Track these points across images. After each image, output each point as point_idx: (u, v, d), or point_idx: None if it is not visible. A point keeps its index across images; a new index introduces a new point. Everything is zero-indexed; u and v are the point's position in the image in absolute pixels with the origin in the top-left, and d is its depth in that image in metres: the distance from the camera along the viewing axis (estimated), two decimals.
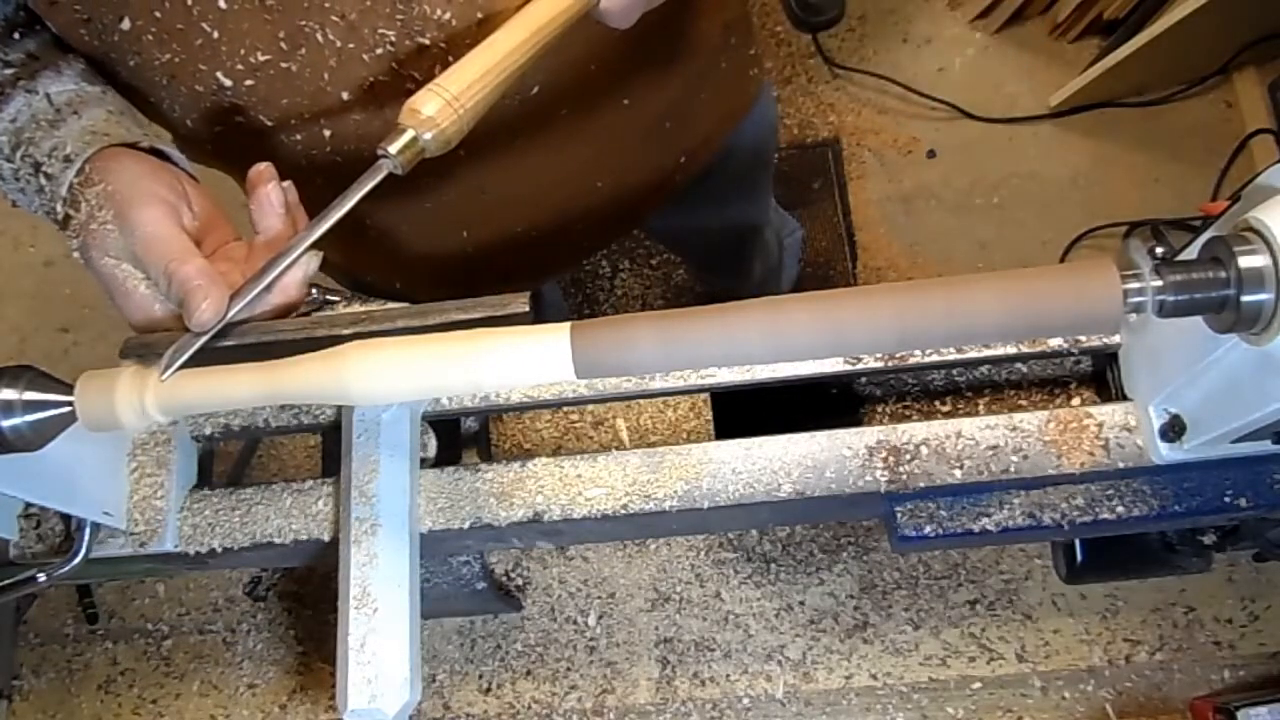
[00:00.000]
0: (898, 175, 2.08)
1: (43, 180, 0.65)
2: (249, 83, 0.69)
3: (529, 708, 0.94)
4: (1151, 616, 0.91)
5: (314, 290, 0.69)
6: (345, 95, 0.70)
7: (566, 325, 0.53)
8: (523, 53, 0.61)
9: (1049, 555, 0.92)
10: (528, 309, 0.60)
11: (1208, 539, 0.74)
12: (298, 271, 0.62)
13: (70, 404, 0.56)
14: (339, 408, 0.70)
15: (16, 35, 0.69)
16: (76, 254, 0.64)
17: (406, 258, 0.92)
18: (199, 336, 0.58)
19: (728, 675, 0.93)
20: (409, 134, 0.58)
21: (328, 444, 0.75)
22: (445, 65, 0.65)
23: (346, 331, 0.60)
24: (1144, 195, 1.98)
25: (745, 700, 0.92)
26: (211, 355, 0.60)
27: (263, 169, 0.63)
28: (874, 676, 0.92)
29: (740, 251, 1.49)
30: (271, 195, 0.63)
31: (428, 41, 0.68)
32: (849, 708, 0.92)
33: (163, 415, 0.58)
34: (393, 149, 0.58)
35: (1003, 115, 2.07)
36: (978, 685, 0.91)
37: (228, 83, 0.69)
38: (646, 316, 0.52)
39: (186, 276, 0.58)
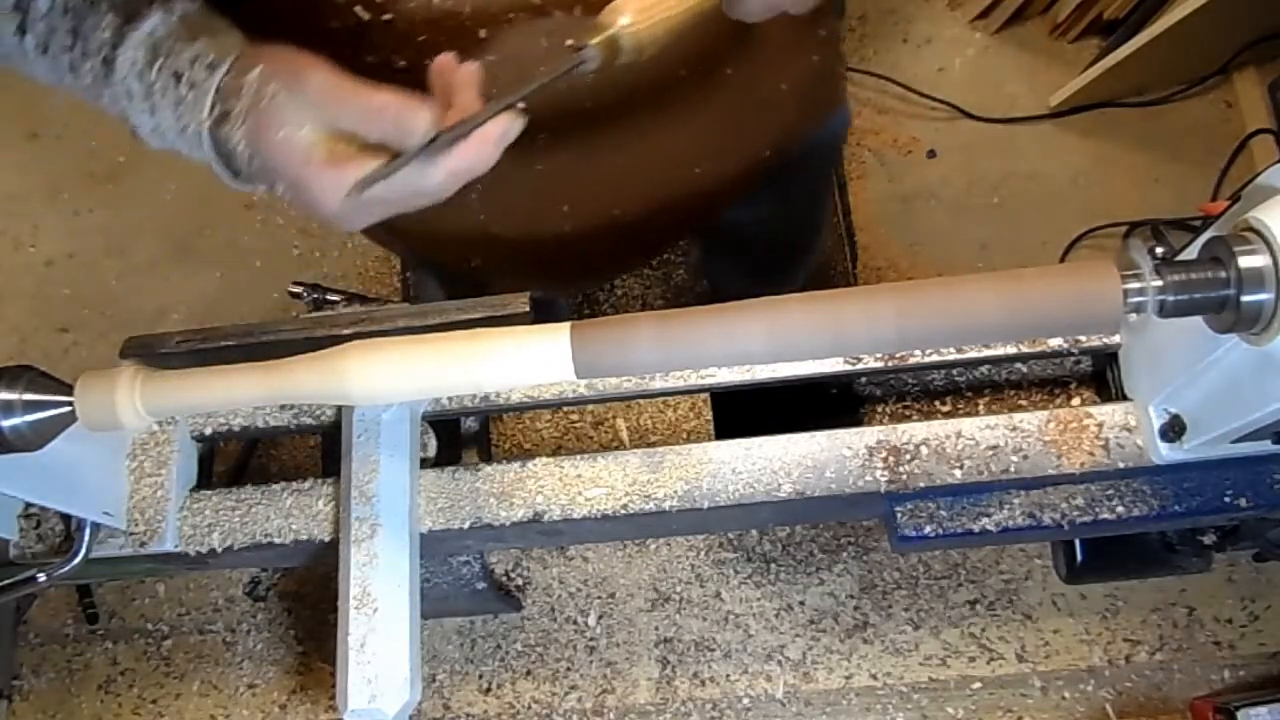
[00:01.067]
0: (898, 175, 2.07)
1: (184, 90, 0.63)
2: (386, 17, 0.68)
3: (529, 708, 0.94)
4: (1151, 616, 0.91)
5: (311, 290, 0.69)
6: (482, 33, 0.69)
7: (566, 325, 0.53)
8: None
9: (1049, 555, 0.92)
10: (528, 309, 0.60)
11: (1208, 539, 0.74)
12: (496, 127, 0.60)
13: (70, 404, 0.56)
14: (339, 408, 0.70)
15: None
16: (242, 145, 0.62)
17: (499, 232, 0.90)
18: (404, 157, 0.57)
19: (728, 675, 0.93)
20: (610, 31, 0.60)
21: (328, 444, 0.75)
22: (583, 3, 0.66)
23: (346, 331, 0.60)
24: (1144, 195, 1.98)
25: (745, 700, 0.92)
26: (211, 355, 0.60)
27: (447, 57, 0.62)
28: (874, 676, 0.92)
29: (798, 250, 1.49)
30: (468, 70, 0.61)
31: None
32: (849, 708, 0.92)
33: (162, 415, 0.58)
34: (593, 41, 0.59)
35: (1003, 115, 2.07)
36: (978, 685, 0.91)
37: (365, 16, 0.68)
38: (646, 316, 0.52)
39: (387, 100, 0.58)
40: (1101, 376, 0.73)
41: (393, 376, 0.54)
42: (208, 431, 0.73)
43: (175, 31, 0.65)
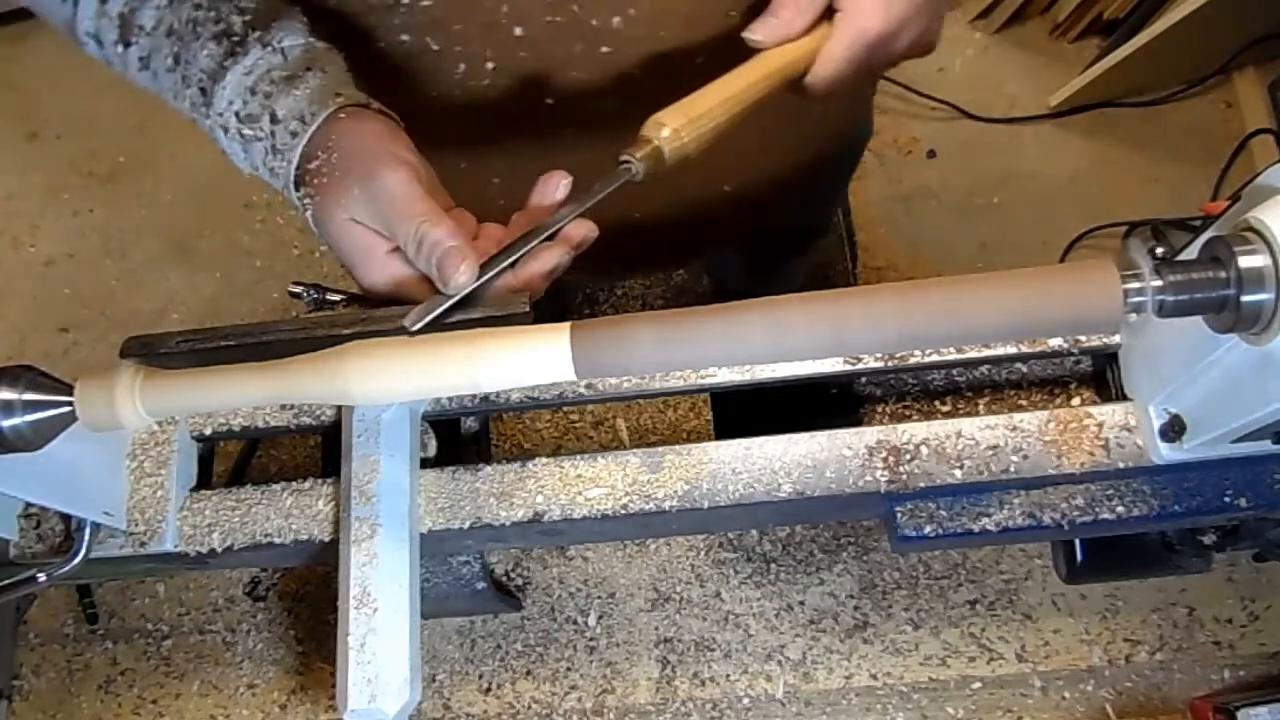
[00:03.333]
0: (898, 175, 2.08)
1: (278, 139, 0.64)
2: (425, 2, 0.68)
3: (529, 708, 0.94)
4: (1151, 616, 0.91)
5: (312, 290, 0.69)
6: (518, 31, 0.71)
7: (566, 325, 0.53)
8: (751, 94, 0.67)
9: (1049, 555, 0.92)
10: (528, 309, 0.60)
11: (1208, 539, 0.74)
12: (540, 265, 0.63)
13: (70, 404, 0.56)
14: (339, 408, 0.70)
15: None
16: (309, 215, 0.64)
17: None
18: (449, 297, 0.59)
19: (728, 675, 0.93)
20: (653, 144, 0.63)
21: (328, 444, 0.75)
22: (625, 17, 0.69)
23: (346, 331, 0.60)
24: (1144, 195, 1.98)
25: (745, 700, 0.92)
26: (211, 355, 0.60)
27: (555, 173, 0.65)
28: (874, 676, 0.92)
29: (801, 247, 1.50)
30: (559, 183, 0.64)
31: None
32: (849, 708, 0.92)
33: (162, 415, 0.58)
34: (637, 155, 0.62)
35: (1003, 115, 2.07)
36: (978, 685, 0.91)
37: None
38: (646, 316, 0.52)
39: (439, 239, 0.59)
40: (1101, 376, 0.73)
41: (393, 376, 0.54)
42: (208, 431, 0.73)
43: (273, 70, 0.65)
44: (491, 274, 0.60)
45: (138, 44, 0.67)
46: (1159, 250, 0.56)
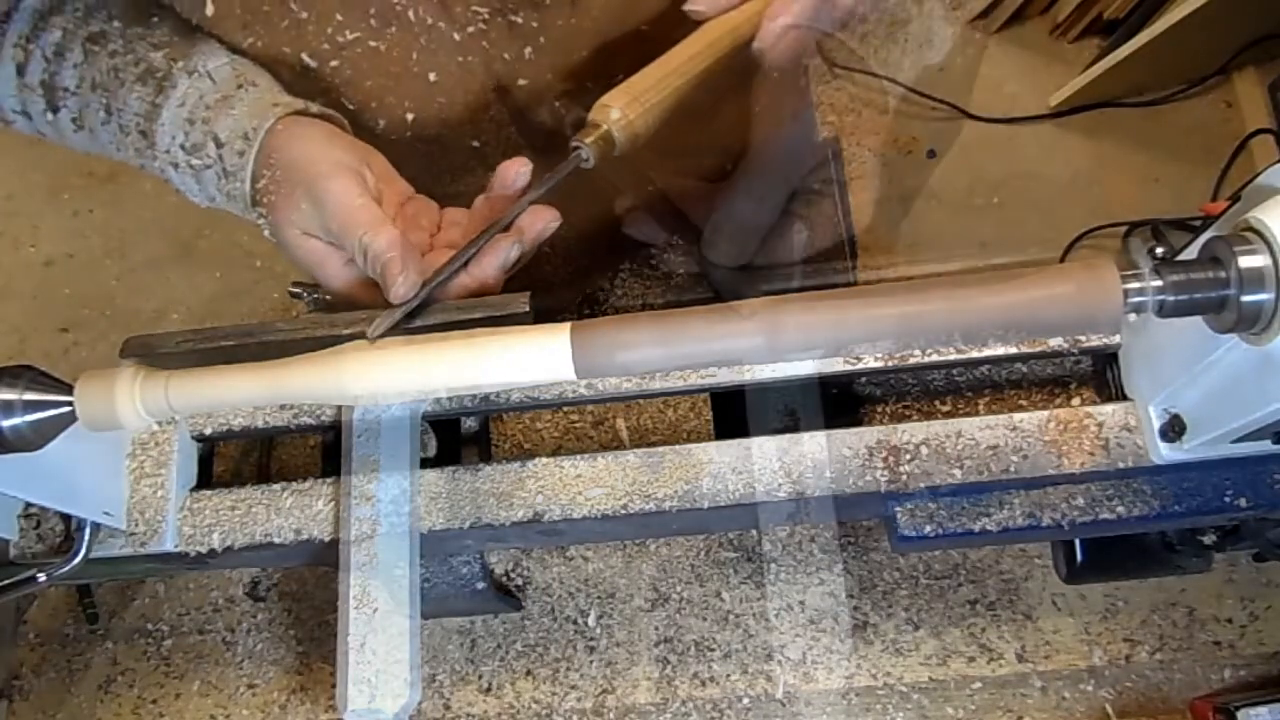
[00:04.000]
0: (898, 175, 2.08)
1: (226, 161, 0.64)
2: (334, 64, 0.68)
3: (529, 708, 0.94)
4: (1151, 616, 0.91)
5: (312, 290, 0.69)
6: (432, 76, 0.70)
7: (566, 325, 0.53)
8: (696, 65, 0.65)
9: (1049, 555, 0.92)
10: (528, 309, 0.60)
11: (1208, 539, 0.74)
12: (494, 259, 0.62)
13: (70, 404, 0.56)
14: (339, 407, 0.70)
15: (154, 18, 0.67)
16: (266, 233, 0.64)
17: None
18: (405, 305, 0.59)
19: (728, 675, 0.93)
20: (602, 128, 0.62)
21: (328, 444, 0.75)
22: (535, 46, 0.68)
23: (346, 331, 0.60)
24: (1144, 195, 1.98)
25: (745, 700, 0.92)
26: (211, 355, 0.61)
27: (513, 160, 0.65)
28: (874, 676, 0.92)
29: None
30: (517, 171, 0.63)
31: (520, 20, 0.68)
32: (849, 708, 0.92)
33: (162, 415, 0.58)
34: (587, 140, 0.61)
35: (1003, 115, 2.07)
36: (978, 685, 0.91)
37: (312, 64, 0.68)
38: (646, 316, 0.52)
39: (380, 250, 0.58)
40: (1101, 376, 0.73)
41: (392, 376, 0.54)
42: (208, 431, 0.73)
43: (205, 96, 0.64)
44: (444, 277, 0.60)
45: (66, 106, 0.67)
46: (1159, 250, 0.56)
